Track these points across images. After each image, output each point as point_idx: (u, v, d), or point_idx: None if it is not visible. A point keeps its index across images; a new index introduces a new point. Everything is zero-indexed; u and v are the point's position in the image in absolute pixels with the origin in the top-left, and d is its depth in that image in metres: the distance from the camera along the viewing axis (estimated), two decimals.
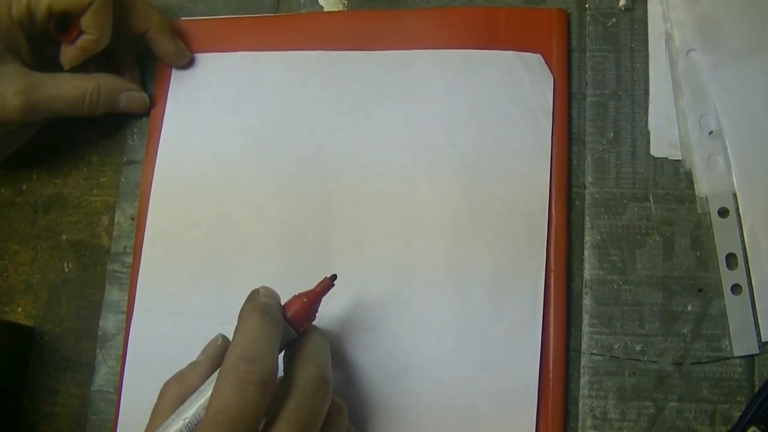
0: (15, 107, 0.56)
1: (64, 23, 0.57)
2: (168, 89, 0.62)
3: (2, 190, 0.63)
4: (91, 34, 0.57)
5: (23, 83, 0.56)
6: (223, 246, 0.58)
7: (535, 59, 0.58)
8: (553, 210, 0.55)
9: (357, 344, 0.55)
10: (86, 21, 0.57)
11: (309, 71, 0.61)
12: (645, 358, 0.53)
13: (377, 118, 0.59)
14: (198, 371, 0.49)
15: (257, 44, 0.62)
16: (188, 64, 0.62)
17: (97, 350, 0.59)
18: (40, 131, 0.63)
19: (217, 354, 0.50)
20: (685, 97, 0.56)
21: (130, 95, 0.61)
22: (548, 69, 0.57)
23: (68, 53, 0.58)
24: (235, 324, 0.46)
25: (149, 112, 0.62)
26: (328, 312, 0.55)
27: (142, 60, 0.63)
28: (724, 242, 0.54)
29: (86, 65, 0.59)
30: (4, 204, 0.63)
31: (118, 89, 0.60)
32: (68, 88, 0.58)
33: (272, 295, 0.48)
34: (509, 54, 0.58)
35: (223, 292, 0.57)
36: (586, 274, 0.55)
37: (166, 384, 0.49)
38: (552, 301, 0.54)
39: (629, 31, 0.59)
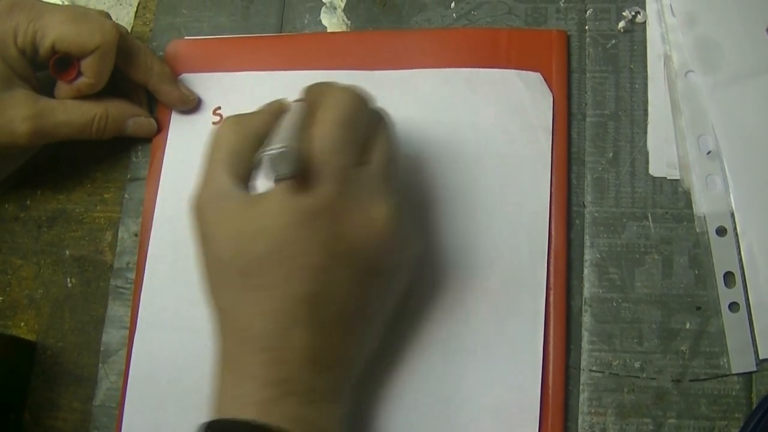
0: (24, 133, 0.57)
1: (65, 63, 0.58)
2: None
3: (7, 206, 0.64)
4: (89, 78, 0.58)
5: (32, 109, 0.57)
6: None
7: (535, 77, 0.58)
8: (553, 228, 0.56)
9: None
10: (87, 65, 0.58)
11: None
12: (644, 375, 0.54)
13: None
14: (262, 116, 0.52)
15: (261, 64, 0.63)
16: (195, 108, 0.63)
17: (100, 365, 0.59)
18: (44, 148, 0.63)
19: (277, 108, 0.53)
20: (684, 118, 0.57)
21: (137, 121, 0.62)
22: (548, 87, 0.58)
23: (63, 90, 0.59)
24: None
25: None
26: None
27: None
28: (722, 261, 0.55)
29: None
30: (8, 219, 0.63)
31: (126, 115, 0.61)
32: (76, 114, 0.59)
33: None
34: (509, 72, 0.59)
35: None
36: (586, 292, 0.56)
37: (222, 126, 0.51)
38: (552, 319, 0.54)
39: (629, 52, 0.60)
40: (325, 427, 0.48)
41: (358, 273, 0.48)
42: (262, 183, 0.49)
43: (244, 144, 0.49)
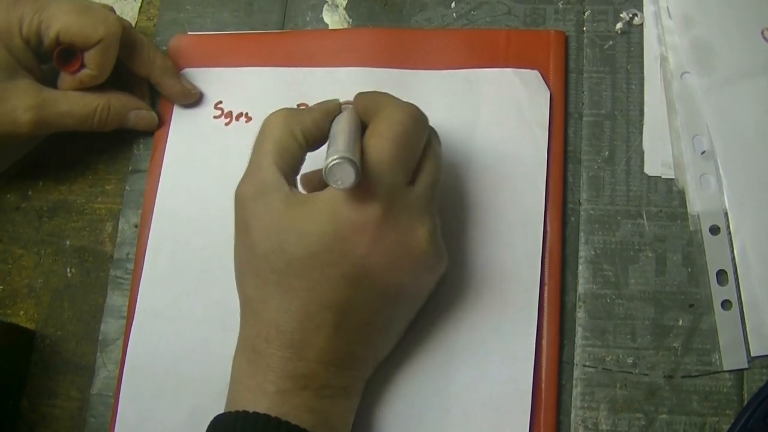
0: (26, 122, 0.57)
1: (68, 54, 0.59)
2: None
3: (8, 196, 0.64)
4: (92, 69, 0.59)
5: (35, 99, 0.58)
6: (226, 254, 0.58)
7: (532, 75, 0.59)
8: (548, 225, 0.56)
9: None
10: (90, 57, 0.58)
11: (313, 87, 0.62)
12: (636, 371, 0.54)
13: None
14: (312, 115, 0.51)
15: (263, 60, 0.64)
16: (196, 102, 0.63)
17: (98, 354, 0.59)
18: (47, 139, 0.64)
19: (329, 108, 0.53)
20: (679, 118, 0.58)
21: (139, 113, 0.62)
22: (545, 84, 0.59)
23: (66, 82, 0.60)
24: (238, 329, 0.51)
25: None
26: None
27: None
28: (714, 259, 0.55)
29: None
30: (9, 209, 0.64)
31: (127, 107, 0.62)
32: (79, 105, 0.59)
33: None
34: (507, 71, 0.60)
35: (225, 300, 0.57)
36: (580, 288, 0.56)
37: (272, 116, 0.51)
38: (546, 314, 0.55)
39: (625, 53, 0.60)
40: (336, 418, 0.49)
41: (387, 288, 0.49)
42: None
43: (292, 139, 0.50)
